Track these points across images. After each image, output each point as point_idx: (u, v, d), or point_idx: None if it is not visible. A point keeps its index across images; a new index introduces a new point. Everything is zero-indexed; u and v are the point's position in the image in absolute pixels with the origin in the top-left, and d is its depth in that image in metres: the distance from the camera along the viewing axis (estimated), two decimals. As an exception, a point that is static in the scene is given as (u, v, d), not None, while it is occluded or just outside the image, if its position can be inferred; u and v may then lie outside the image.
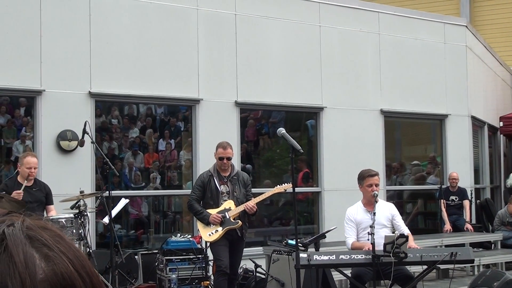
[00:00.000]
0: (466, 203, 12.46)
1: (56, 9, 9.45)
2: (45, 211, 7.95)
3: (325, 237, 7.83)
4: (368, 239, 6.60)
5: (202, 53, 10.54)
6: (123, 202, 8.92)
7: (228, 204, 7.86)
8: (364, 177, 7.37)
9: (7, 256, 0.86)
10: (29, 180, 7.76)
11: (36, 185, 7.89)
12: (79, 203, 7.62)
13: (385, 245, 6.42)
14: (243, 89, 10.89)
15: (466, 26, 14.13)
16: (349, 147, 11.86)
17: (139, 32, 10.09)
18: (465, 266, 10.13)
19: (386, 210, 7.37)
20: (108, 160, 7.83)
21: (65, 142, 9.29)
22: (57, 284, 0.86)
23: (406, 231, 7.14)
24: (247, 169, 11.17)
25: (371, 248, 6.49)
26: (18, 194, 7.47)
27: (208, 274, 8.91)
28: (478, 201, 14.45)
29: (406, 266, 7.13)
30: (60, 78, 9.38)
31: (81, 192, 7.83)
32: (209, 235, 7.80)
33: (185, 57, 10.42)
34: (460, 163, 13.46)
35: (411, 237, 7.14)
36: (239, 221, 7.82)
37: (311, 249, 7.31)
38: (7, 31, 9.10)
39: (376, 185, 7.22)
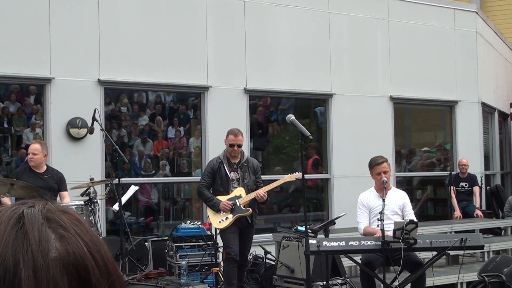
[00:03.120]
0: (476, 189, 12.43)
1: (65, -4, 9.45)
2: (58, 198, 7.97)
3: (334, 223, 7.83)
4: (378, 226, 6.60)
5: (211, 41, 10.52)
6: (132, 189, 8.94)
7: (239, 191, 7.86)
8: (372, 165, 7.39)
9: (22, 234, 0.87)
10: (32, 165, 7.80)
11: (47, 172, 7.92)
12: (89, 190, 7.64)
13: (394, 231, 6.43)
14: (252, 76, 10.87)
15: (477, 12, 14.04)
16: (359, 134, 11.84)
17: (148, 20, 10.08)
18: (475, 252, 10.11)
19: (399, 198, 7.37)
20: (117, 147, 7.85)
21: (75, 130, 9.32)
22: (69, 264, 0.87)
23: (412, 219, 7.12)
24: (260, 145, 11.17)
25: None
26: None
27: (218, 260, 8.94)
28: (488, 187, 14.42)
29: (416, 252, 7.12)
30: (69, 66, 9.39)
31: (91, 179, 7.85)
32: (219, 222, 7.81)
33: (194, 44, 10.41)
34: (470, 149, 13.42)
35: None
36: (250, 208, 7.82)
37: (321, 236, 7.31)
38: (16, 19, 9.11)
39: (385, 172, 7.21)
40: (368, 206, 7.34)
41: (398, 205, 7.31)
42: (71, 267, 0.87)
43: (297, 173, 8.03)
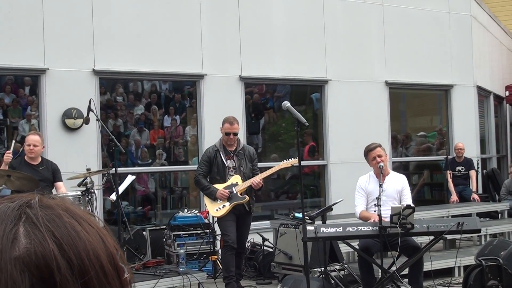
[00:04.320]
0: (472, 173, 12.45)
1: (58, -14, 9.40)
2: (54, 189, 7.96)
3: (331, 209, 7.86)
4: (375, 211, 6.62)
5: (205, 28, 10.50)
6: (129, 178, 8.94)
7: (235, 179, 7.87)
8: (366, 153, 7.39)
9: None
10: (30, 157, 7.78)
11: (42, 163, 7.90)
12: (86, 180, 7.62)
13: (391, 216, 6.44)
14: (247, 63, 10.85)
15: (471, -5, 14.02)
16: (355, 120, 11.84)
17: (142, 8, 10.05)
18: (472, 236, 10.14)
19: (398, 183, 7.36)
20: (113, 137, 7.83)
21: (71, 120, 9.30)
22: (29, 263, 0.84)
23: (409, 203, 7.13)
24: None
25: (378, 220, 6.51)
26: (7, 154, 7.52)
27: (216, 248, 8.96)
28: (484, 171, 14.45)
29: (413, 237, 7.15)
30: (63, 56, 9.37)
31: (88, 169, 7.83)
32: (217, 210, 7.82)
33: (188, 32, 10.38)
34: (466, 133, 13.43)
35: None
36: (246, 196, 7.83)
37: (318, 222, 7.33)
38: (9, 9, 9.07)
39: (379, 156, 7.21)
40: (366, 190, 7.34)
41: (397, 190, 7.31)
42: (32, 266, 0.83)
43: (292, 159, 8.03)
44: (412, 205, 6.73)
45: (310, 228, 6.43)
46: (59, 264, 0.84)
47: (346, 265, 8.08)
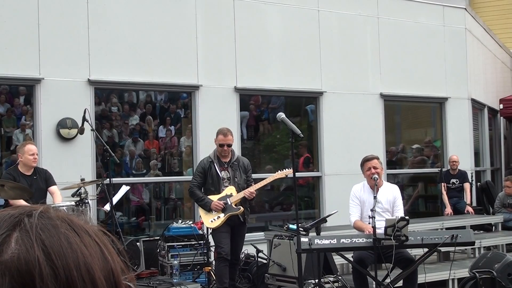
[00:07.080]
0: (466, 186, 12.47)
1: (54, -4, 9.41)
2: (50, 195, 7.94)
3: (326, 221, 7.84)
4: (370, 223, 6.62)
5: (200, 39, 10.51)
6: (124, 189, 8.92)
7: (230, 190, 7.87)
8: (362, 163, 7.42)
9: None
10: (29, 167, 7.76)
11: (35, 173, 7.89)
12: (80, 190, 7.61)
13: (386, 228, 6.44)
14: (242, 74, 10.87)
15: (465, 9, 14.08)
16: (349, 132, 11.85)
17: (138, 19, 10.06)
18: (466, 249, 10.14)
19: (390, 194, 7.38)
20: (108, 147, 7.83)
21: (65, 130, 9.29)
22: (12, 268, 0.85)
23: (401, 214, 7.13)
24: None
25: (371, 232, 6.51)
26: None
27: (210, 260, 8.94)
28: (478, 183, 14.46)
29: (407, 249, 7.15)
30: (58, 66, 9.36)
31: (82, 179, 7.82)
32: (211, 221, 7.81)
33: (184, 43, 10.39)
34: (460, 146, 13.46)
35: None
36: (241, 207, 7.83)
37: (312, 234, 7.32)
38: (4, 19, 9.07)
39: (375, 168, 7.22)
40: (360, 199, 7.35)
41: (389, 201, 7.33)
42: (13, 270, 0.85)
43: (286, 169, 8.04)
44: (407, 217, 6.73)
45: (304, 239, 6.42)
46: (43, 271, 0.85)
47: (340, 277, 8.06)
